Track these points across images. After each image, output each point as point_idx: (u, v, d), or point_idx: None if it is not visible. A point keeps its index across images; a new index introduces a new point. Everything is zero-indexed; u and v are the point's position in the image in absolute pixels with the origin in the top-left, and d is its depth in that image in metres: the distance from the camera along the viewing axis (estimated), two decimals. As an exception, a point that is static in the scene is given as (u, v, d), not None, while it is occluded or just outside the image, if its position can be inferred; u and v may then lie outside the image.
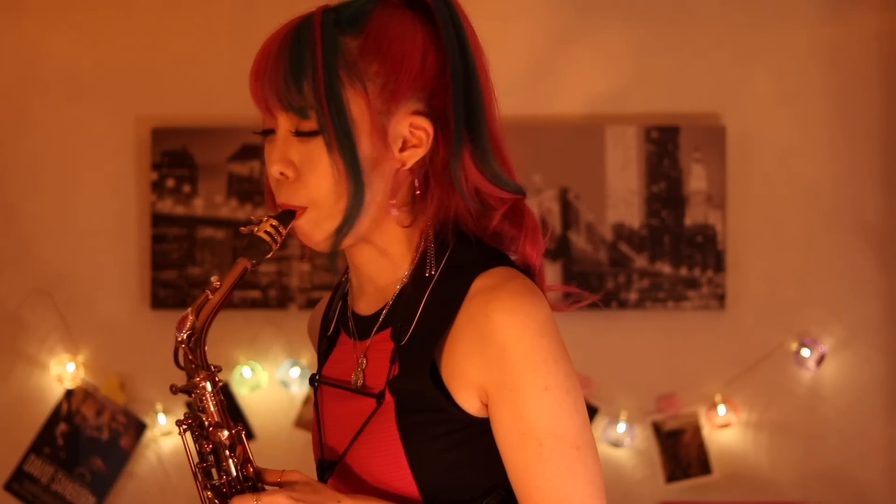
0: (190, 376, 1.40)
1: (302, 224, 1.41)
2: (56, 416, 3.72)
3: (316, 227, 1.41)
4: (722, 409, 3.66)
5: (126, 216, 3.76)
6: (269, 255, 1.39)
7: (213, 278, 1.39)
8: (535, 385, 1.34)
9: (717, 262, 3.68)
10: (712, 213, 3.69)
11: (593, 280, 3.67)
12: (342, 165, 1.36)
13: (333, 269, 1.47)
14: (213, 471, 1.40)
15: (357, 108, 1.37)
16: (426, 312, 1.41)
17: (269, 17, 4.26)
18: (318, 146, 1.38)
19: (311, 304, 3.71)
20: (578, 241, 3.68)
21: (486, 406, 1.38)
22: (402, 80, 1.38)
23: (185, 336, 1.37)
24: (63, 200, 3.76)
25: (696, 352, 3.70)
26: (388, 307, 1.45)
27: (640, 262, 3.68)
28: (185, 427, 1.42)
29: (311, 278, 3.71)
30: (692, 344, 3.70)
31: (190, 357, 1.38)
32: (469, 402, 1.38)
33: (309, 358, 3.70)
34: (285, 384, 3.69)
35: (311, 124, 1.38)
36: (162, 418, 3.71)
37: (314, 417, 1.54)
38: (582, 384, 1.42)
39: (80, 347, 3.73)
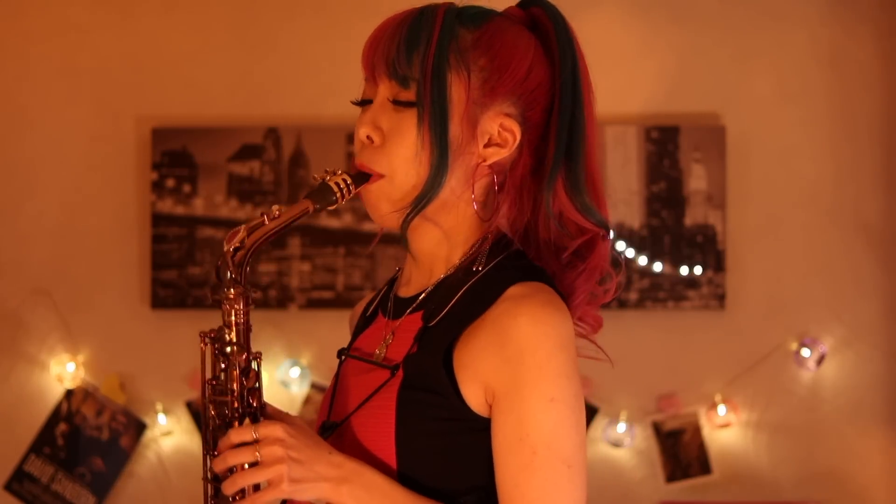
0: (226, 288, 1.39)
1: (372, 190, 1.45)
2: (56, 416, 3.72)
3: (383, 198, 1.45)
4: (722, 409, 3.66)
5: (126, 216, 3.76)
6: (332, 207, 1.42)
7: (275, 207, 1.40)
8: (543, 395, 1.37)
9: (717, 262, 3.68)
10: (712, 213, 3.69)
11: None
12: (429, 140, 1.41)
13: (405, 247, 1.50)
14: (221, 390, 1.40)
15: (457, 91, 1.43)
16: (460, 303, 1.44)
17: (268, 18, 4.29)
18: (409, 118, 1.43)
19: (311, 304, 3.71)
20: (578, 241, 3.68)
21: (490, 406, 1.40)
22: (505, 80, 1.44)
23: (231, 249, 1.38)
24: (63, 200, 3.76)
25: (696, 352, 3.70)
26: (427, 291, 1.49)
27: (641, 262, 3.68)
28: (207, 340, 1.41)
29: (311, 278, 3.70)
30: (692, 344, 3.70)
31: (230, 270, 1.38)
32: (473, 397, 1.40)
33: (309, 358, 3.70)
34: (285, 384, 3.69)
35: (409, 95, 1.43)
36: (162, 418, 3.71)
37: (330, 387, 1.57)
38: (582, 384, 1.43)
39: (80, 347, 3.73)
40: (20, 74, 3.78)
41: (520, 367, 1.37)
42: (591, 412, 3.64)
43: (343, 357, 1.58)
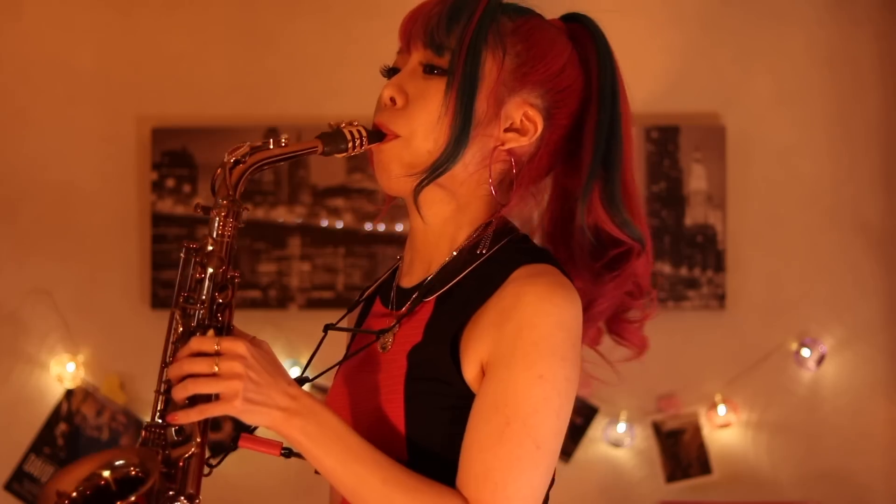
0: (218, 198, 1.37)
1: (385, 150, 1.44)
2: (56, 416, 3.72)
3: (395, 160, 1.44)
4: (722, 409, 3.66)
5: (126, 216, 3.76)
6: (340, 154, 1.42)
7: (284, 136, 1.39)
8: (532, 370, 1.35)
9: (717, 262, 3.68)
10: (712, 213, 3.69)
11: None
12: (453, 108, 1.41)
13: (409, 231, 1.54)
14: (192, 300, 1.37)
15: (489, 67, 1.43)
16: (465, 286, 1.44)
17: (268, 18, 4.28)
18: (437, 85, 1.43)
19: (311, 304, 3.71)
20: (578, 241, 3.68)
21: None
22: (537, 70, 1.45)
23: (231, 160, 1.37)
24: (63, 200, 3.76)
25: (696, 352, 3.70)
26: (429, 279, 1.48)
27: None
28: (191, 251, 1.38)
29: (311, 278, 3.70)
30: (692, 344, 3.70)
31: (227, 182, 1.36)
32: (472, 376, 1.39)
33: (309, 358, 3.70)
34: (285, 384, 3.69)
35: (441, 62, 1.43)
36: (162, 418, 3.70)
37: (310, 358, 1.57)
38: (584, 383, 1.42)
39: (80, 347, 3.73)
40: (20, 74, 3.78)
41: (515, 341, 1.36)
42: (591, 412, 3.64)
43: (326, 329, 1.60)
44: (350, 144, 1.41)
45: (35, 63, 3.78)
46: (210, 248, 1.36)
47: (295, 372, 3.68)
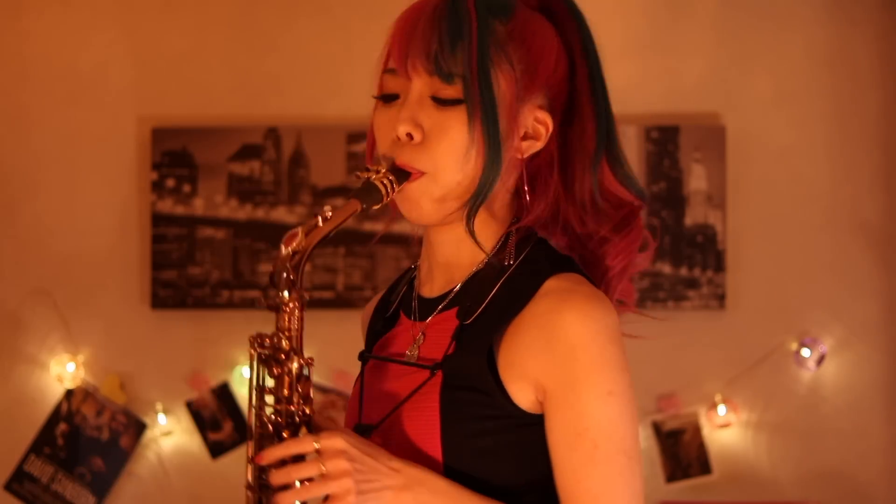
0: (282, 292, 1.37)
1: (413, 189, 1.41)
2: (56, 416, 3.72)
3: (424, 196, 1.42)
4: (722, 409, 3.66)
5: (126, 216, 3.76)
6: (378, 206, 1.39)
7: (326, 208, 1.38)
8: (601, 388, 1.36)
9: (717, 262, 3.68)
10: (712, 213, 3.69)
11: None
12: (482, 138, 1.39)
13: (412, 257, 1.49)
14: (270, 400, 1.38)
15: (504, 87, 1.40)
16: (495, 298, 1.43)
17: (268, 18, 4.28)
18: (454, 115, 1.39)
19: (311, 304, 3.69)
20: (578, 241, 3.68)
21: (541, 403, 1.38)
22: (540, 73, 1.43)
23: (290, 251, 1.35)
24: (63, 200, 3.76)
25: (696, 352, 3.70)
26: (459, 287, 1.46)
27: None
28: (257, 345, 1.39)
29: (311, 278, 3.70)
30: (692, 344, 3.70)
31: (290, 273, 1.36)
32: (522, 395, 1.38)
33: (309, 358, 3.70)
34: (285, 384, 3.69)
35: (454, 92, 1.39)
36: (162, 418, 3.71)
37: (356, 391, 1.55)
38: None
39: (80, 347, 3.73)
40: (20, 74, 3.78)
41: (574, 364, 1.36)
42: (591, 412, 3.64)
43: (366, 359, 1.56)
44: (384, 194, 1.39)
45: (35, 63, 3.78)
46: (284, 344, 1.38)
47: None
